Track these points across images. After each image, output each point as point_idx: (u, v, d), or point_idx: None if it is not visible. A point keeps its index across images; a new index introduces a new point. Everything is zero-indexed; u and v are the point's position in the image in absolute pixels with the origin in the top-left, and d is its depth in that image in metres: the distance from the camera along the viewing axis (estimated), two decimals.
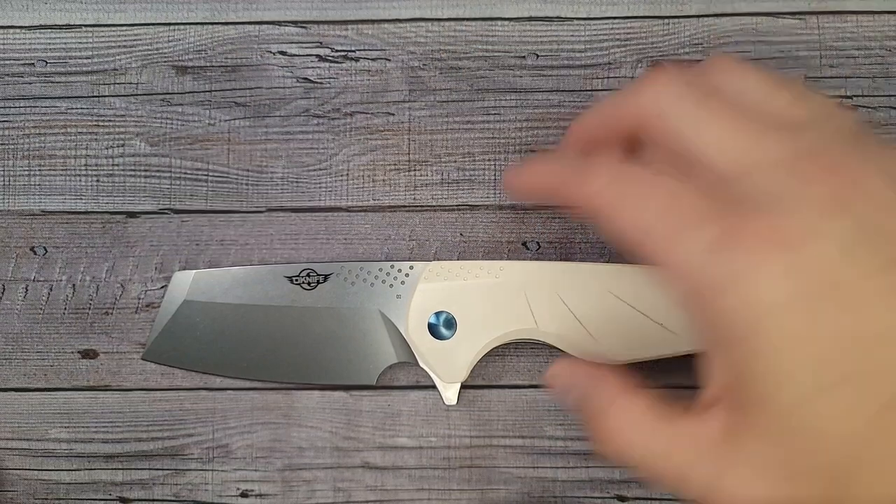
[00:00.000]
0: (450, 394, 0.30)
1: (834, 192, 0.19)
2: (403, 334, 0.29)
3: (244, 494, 0.31)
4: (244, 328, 0.30)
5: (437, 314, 0.29)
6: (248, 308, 0.30)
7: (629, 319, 0.28)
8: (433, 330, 0.29)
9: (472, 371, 0.29)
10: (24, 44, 0.32)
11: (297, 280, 0.30)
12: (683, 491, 0.21)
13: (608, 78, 0.32)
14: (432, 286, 0.29)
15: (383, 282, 0.30)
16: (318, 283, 0.30)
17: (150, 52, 0.32)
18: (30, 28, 0.32)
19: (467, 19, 0.32)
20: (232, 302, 0.30)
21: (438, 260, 0.30)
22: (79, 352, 0.32)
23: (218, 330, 0.30)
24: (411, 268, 0.29)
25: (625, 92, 0.23)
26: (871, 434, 0.18)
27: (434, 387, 0.30)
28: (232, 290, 0.30)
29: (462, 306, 0.29)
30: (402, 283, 0.29)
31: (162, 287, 0.32)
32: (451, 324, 0.29)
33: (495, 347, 0.29)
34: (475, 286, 0.29)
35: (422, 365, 0.29)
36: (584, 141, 0.26)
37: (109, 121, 0.32)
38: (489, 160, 0.32)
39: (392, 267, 0.30)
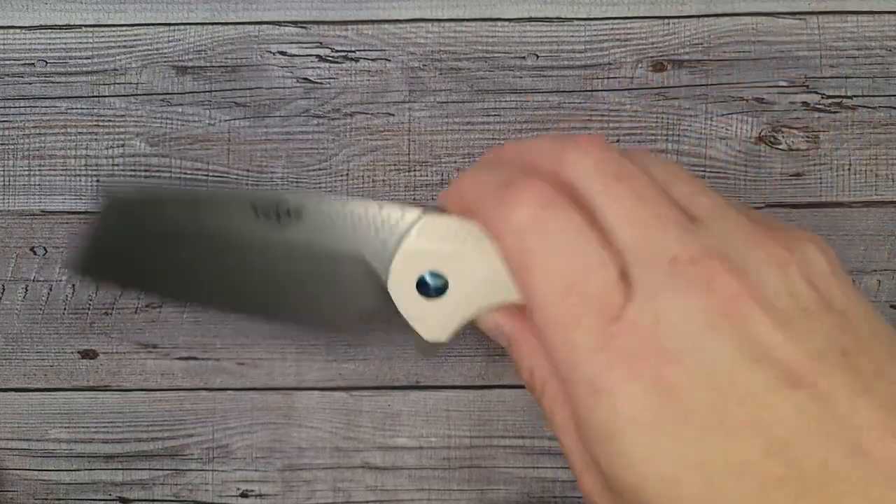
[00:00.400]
0: (431, 352, 0.28)
1: (719, 305, 0.18)
2: (386, 285, 0.25)
3: (244, 495, 0.31)
4: (198, 260, 0.26)
5: (430, 273, 0.25)
6: (203, 231, 0.26)
7: None
8: (422, 287, 0.26)
9: (453, 337, 0.27)
10: (24, 44, 0.32)
11: (262, 211, 0.25)
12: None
13: (608, 78, 0.32)
14: (425, 242, 0.25)
15: (369, 226, 0.25)
16: (287, 215, 0.25)
17: (150, 53, 0.32)
18: (30, 28, 0.32)
19: (467, 20, 0.32)
20: (183, 222, 0.26)
21: (437, 212, 0.26)
22: (78, 352, 0.32)
23: (165, 256, 0.26)
24: (401, 216, 0.25)
25: (552, 143, 0.22)
26: None
27: (434, 387, 0.30)
28: (185, 210, 0.26)
29: (455, 267, 0.25)
30: (390, 229, 0.25)
31: None
32: (441, 284, 0.26)
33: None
34: (474, 248, 0.25)
35: (403, 315, 0.26)
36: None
37: (109, 121, 0.32)
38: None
39: (380, 209, 0.25)
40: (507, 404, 0.31)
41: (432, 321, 0.26)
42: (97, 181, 0.32)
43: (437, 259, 0.25)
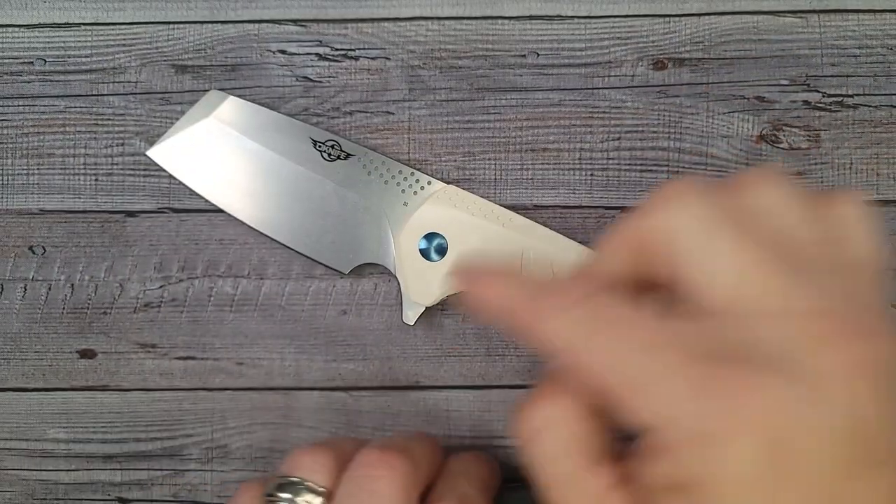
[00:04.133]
0: (412, 313, 0.30)
1: (852, 362, 0.16)
2: (393, 240, 0.30)
3: None
4: (253, 169, 0.30)
5: (433, 235, 0.29)
6: (263, 152, 0.30)
7: None
8: (423, 248, 0.29)
9: (441, 304, 0.30)
10: (22, 42, 0.32)
11: (320, 146, 0.30)
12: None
13: (609, 76, 0.32)
14: (439, 208, 0.29)
15: (398, 185, 0.30)
16: (339, 158, 0.30)
17: (149, 51, 0.32)
18: (28, 26, 0.32)
19: (467, 18, 0.32)
20: (252, 139, 0.30)
21: (457, 187, 0.30)
22: (77, 352, 0.32)
23: (227, 159, 0.30)
24: (429, 183, 0.30)
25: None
26: None
27: (433, 387, 0.30)
28: (257, 128, 0.30)
29: (459, 238, 0.29)
30: (415, 193, 0.30)
31: (161, 287, 0.31)
32: (442, 250, 0.29)
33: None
34: (479, 225, 0.29)
35: (396, 275, 0.30)
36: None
37: (108, 119, 0.32)
38: (489, 159, 0.32)
39: (412, 174, 0.30)
40: (507, 404, 0.31)
41: (421, 281, 0.29)
42: (96, 180, 0.32)
43: (443, 223, 0.29)
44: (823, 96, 0.31)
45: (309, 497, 0.22)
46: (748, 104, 0.31)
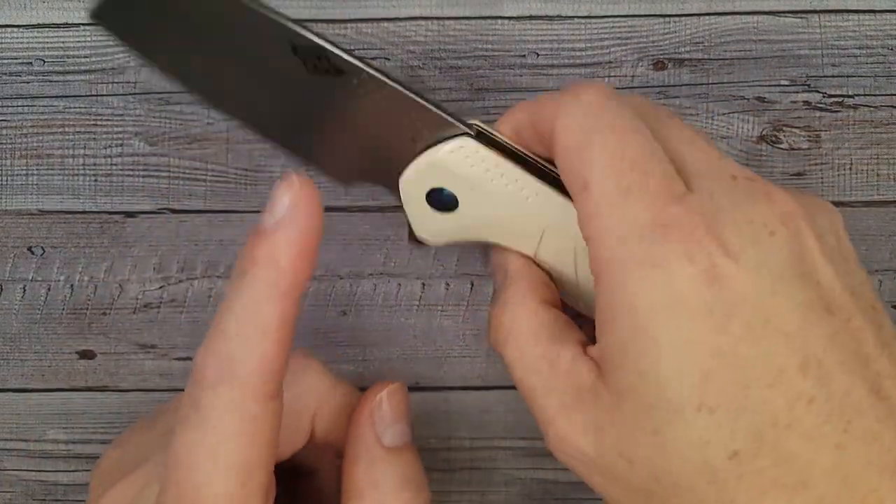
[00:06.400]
0: (417, 240, 0.27)
1: (779, 215, 0.19)
2: (398, 177, 0.25)
3: None
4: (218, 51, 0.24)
5: (443, 190, 0.25)
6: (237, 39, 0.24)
7: None
8: (431, 198, 0.25)
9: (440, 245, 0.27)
10: (21, 42, 0.32)
11: (302, 54, 0.23)
12: (529, 402, 0.22)
13: (609, 77, 0.32)
14: (455, 160, 0.24)
15: (407, 113, 0.24)
16: (327, 73, 0.24)
17: None
18: (27, 27, 0.32)
19: (467, 18, 0.32)
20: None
21: (486, 136, 0.25)
22: (76, 352, 0.32)
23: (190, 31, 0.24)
24: (449, 125, 0.24)
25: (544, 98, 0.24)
26: (706, 474, 0.17)
27: (433, 388, 0.30)
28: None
29: (471, 196, 0.24)
30: (428, 131, 0.24)
31: (160, 287, 0.31)
32: (451, 203, 0.25)
33: None
34: (499, 190, 0.24)
35: (404, 206, 0.25)
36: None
37: (107, 120, 0.32)
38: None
39: (430, 108, 0.24)
40: (507, 405, 0.31)
41: (427, 224, 0.25)
42: (95, 181, 0.32)
43: (456, 181, 0.24)
44: (824, 97, 0.31)
45: None
46: (748, 105, 0.31)
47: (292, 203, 0.20)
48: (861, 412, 0.17)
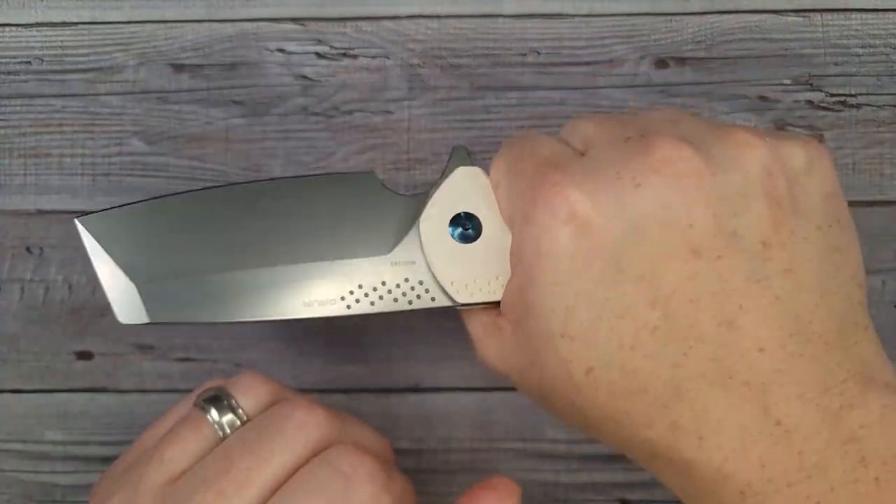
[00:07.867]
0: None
1: (652, 165, 0.20)
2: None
3: None
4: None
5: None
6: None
7: None
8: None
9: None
10: (20, 41, 0.32)
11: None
12: (467, 328, 0.25)
13: (610, 75, 0.31)
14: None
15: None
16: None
17: (146, 50, 0.32)
18: (26, 26, 0.32)
19: (467, 16, 0.32)
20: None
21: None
22: (75, 353, 0.31)
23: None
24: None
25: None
26: (572, 385, 0.21)
27: (434, 389, 0.30)
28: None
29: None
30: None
31: None
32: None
33: None
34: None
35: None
36: None
37: (106, 119, 0.32)
38: (490, 159, 0.31)
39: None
40: (507, 407, 0.31)
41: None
42: (94, 180, 0.32)
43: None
44: (827, 96, 0.31)
45: (229, 416, 0.22)
46: (751, 104, 0.31)
47: None
48: (703, 340, 0.20)
